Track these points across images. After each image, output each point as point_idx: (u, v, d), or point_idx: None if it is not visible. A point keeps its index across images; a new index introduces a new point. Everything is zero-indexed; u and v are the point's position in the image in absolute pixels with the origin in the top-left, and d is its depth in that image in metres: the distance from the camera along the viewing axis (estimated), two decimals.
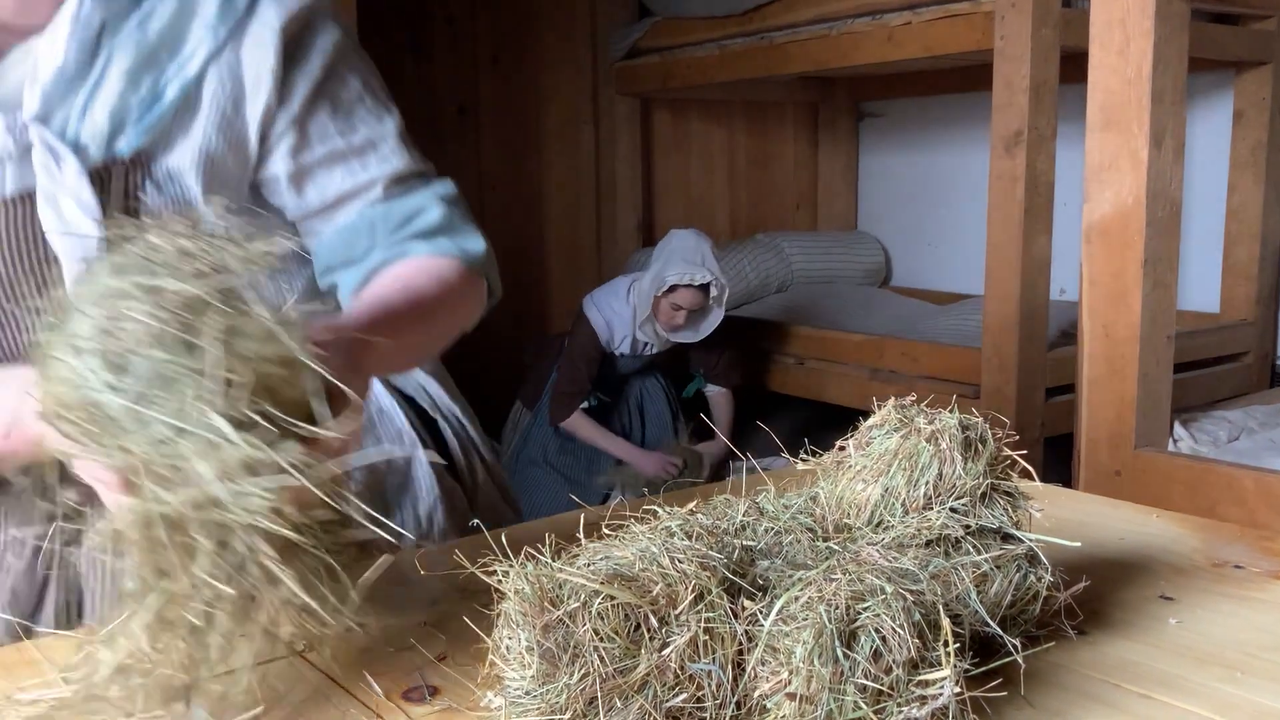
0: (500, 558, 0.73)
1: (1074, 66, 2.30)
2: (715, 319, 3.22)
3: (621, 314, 3.28)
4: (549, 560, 0.71)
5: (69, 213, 1.02)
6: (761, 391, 3.49)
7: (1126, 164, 1.92)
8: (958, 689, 0.67)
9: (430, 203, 1.15)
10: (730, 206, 4.30)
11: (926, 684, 0.67)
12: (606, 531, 0.76)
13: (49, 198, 1.02)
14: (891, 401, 0.88)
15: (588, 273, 4.02)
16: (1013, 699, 0.75)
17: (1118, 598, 0.95)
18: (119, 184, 1.07)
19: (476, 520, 1.08)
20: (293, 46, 1.11)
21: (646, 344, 3.30)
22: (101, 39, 1.06)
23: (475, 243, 1.17)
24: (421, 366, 1.28)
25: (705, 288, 3.13)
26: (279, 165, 1.14)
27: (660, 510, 0.78)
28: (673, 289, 3.11)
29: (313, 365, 0.73)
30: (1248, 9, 2.81)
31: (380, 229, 1.14)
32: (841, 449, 0.88)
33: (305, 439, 0.73)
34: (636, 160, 4.02)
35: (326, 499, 0.70)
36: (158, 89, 1.08)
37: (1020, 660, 0.75)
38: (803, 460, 0.91)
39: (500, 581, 0.71)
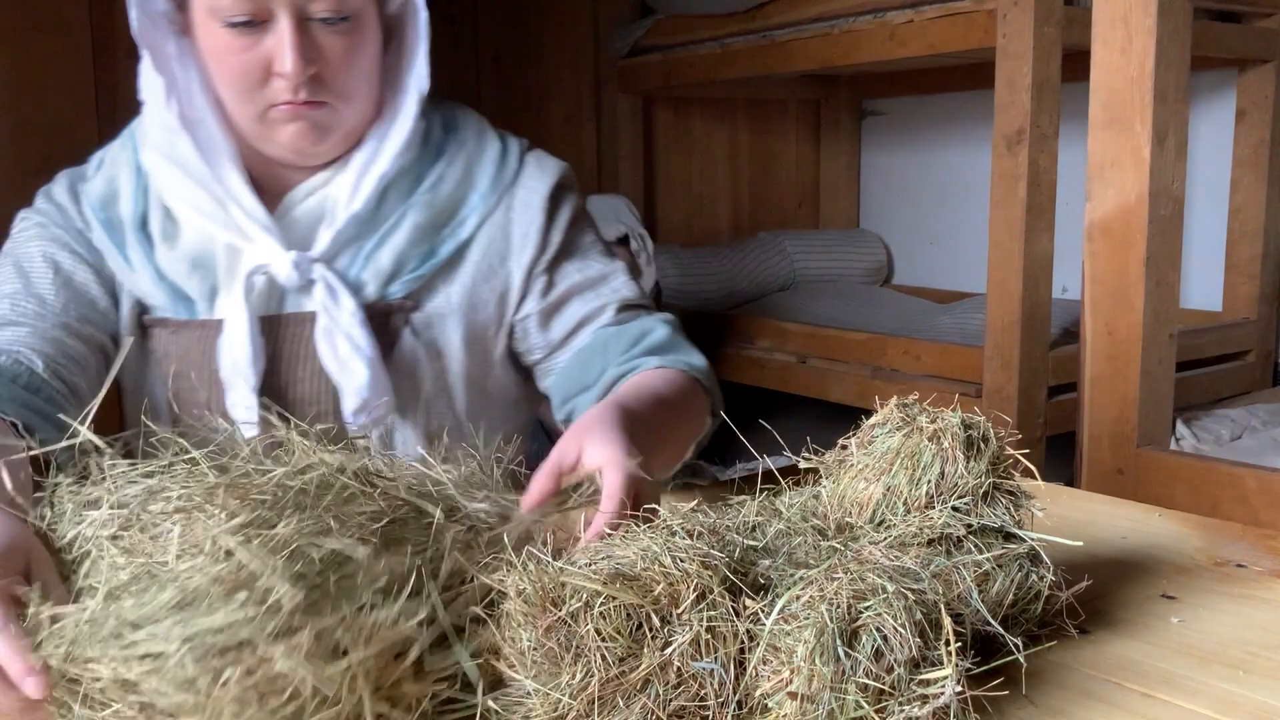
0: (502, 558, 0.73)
1: (1076, 65, 2.30)
2: (648, 278, 3.15)
3: None
4: (550, 560, 0.71)
5: (343, 350, 1.13)
6: (763, 390, 3.49)
7: (1129, 162, 1.91)
8: (959, 688, 0.67)
9: (656, 324, 1.25)
10: (732, 204, 4.29)
11: (928, 683, 0.67)
12: (607, 530, 0.76)
13: (326, 333, 1.13)
14: (894, 400, 0.88)
15: None
16: (1015, 698, 0.75)
17: (1120, 597, 0.95)
18: (384, 324, 1.18)
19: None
20: (551, 206, 1.26)
21: None
22: (389, 191, 1.19)
23: (698, 358, 1.24)
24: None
25: (625, 244, 3.07)
26: (531, 306, 1.25)
27: (662, 509, 0.78)
28: None
29: None
30: (1251, 7, 2.80)
31: (613, 348, 1.22)
32: (844, 448, 0.88)
33: None
34: (638, 158, 4.02)
35: None
36: (435, 245, 1.20)
37: (1022, 659, 0.75)
38: (805, 459, 0.91)
39: (502, 582, 0.71)
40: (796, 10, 3.24)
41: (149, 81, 1.14)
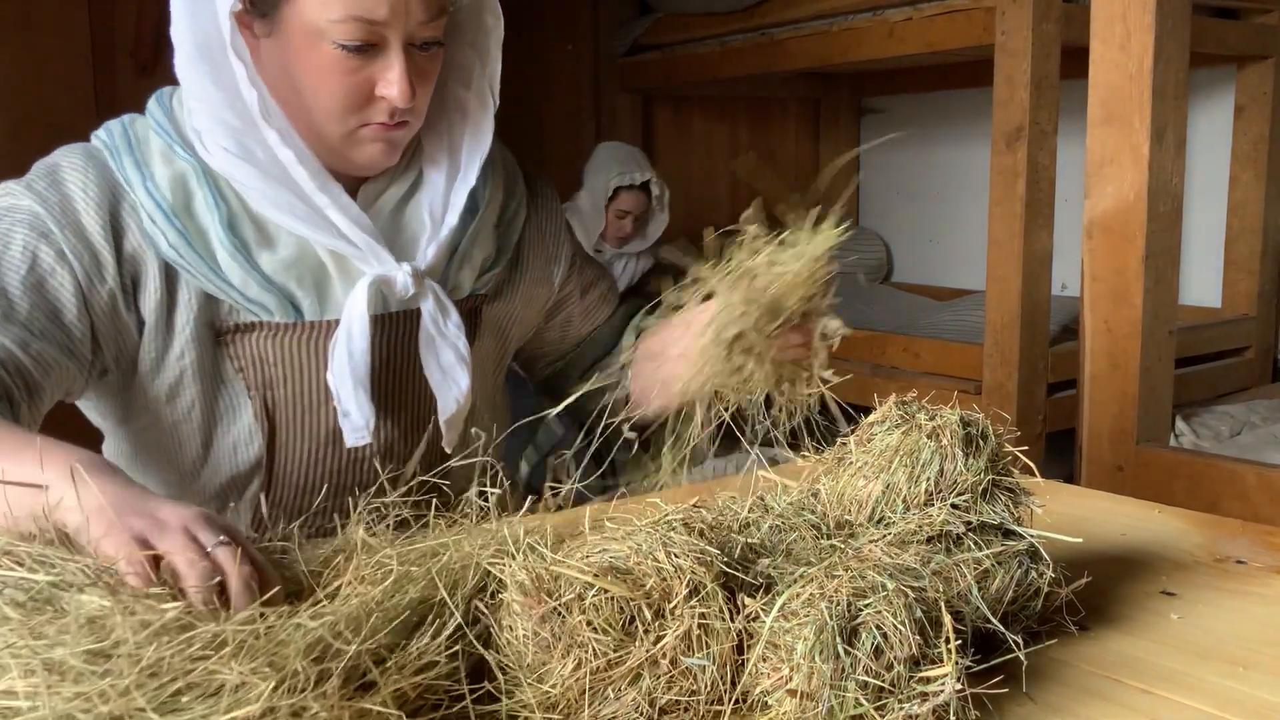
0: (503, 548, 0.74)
1: (1075, 62, 2.30)
2: (662, 223, 3.33)
3: None
4: (546, 552, 0.72)
5: (446, 358, 1.18)
6: None
7: (1128, 159, 1.92)
8: (959, 685, 0.67)
9: (640, 304, 1.42)
10: (732, 203, 4.29)
11: (928, 680, 0.67)
12: (609, 525, 0.76)
13: (428, 342, 1.18)
14: (893, 398, 0.88)
15: None
16: (1014, 695, 0.75)
17: (1119, 593, 0.95)
18: (469, 321, 1.24)
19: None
20: (562, 215, 1.37)
21: None
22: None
23: None
24: None
25: (646, 189, 3.24)
26: (571, 309, 1.39)
27: (661, 504, 0.78)
28: (615, 195, 3.20)
29: None
30: (1249, 3, 2.80)
31: (618, 323, 1.43)
32: (843, 445, 0.89)
33: None
34: None
35: None
36: (501, 243, 1.27)
37: (1022, 656, 0.75)
38: (804, 456, 0.91)
39: (502, 572, 0.72)
40: (795, 8, 3.24)
41: (198, 91, 1.09)
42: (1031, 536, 0.83)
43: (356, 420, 1.12)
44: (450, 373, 1.18)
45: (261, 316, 1.12)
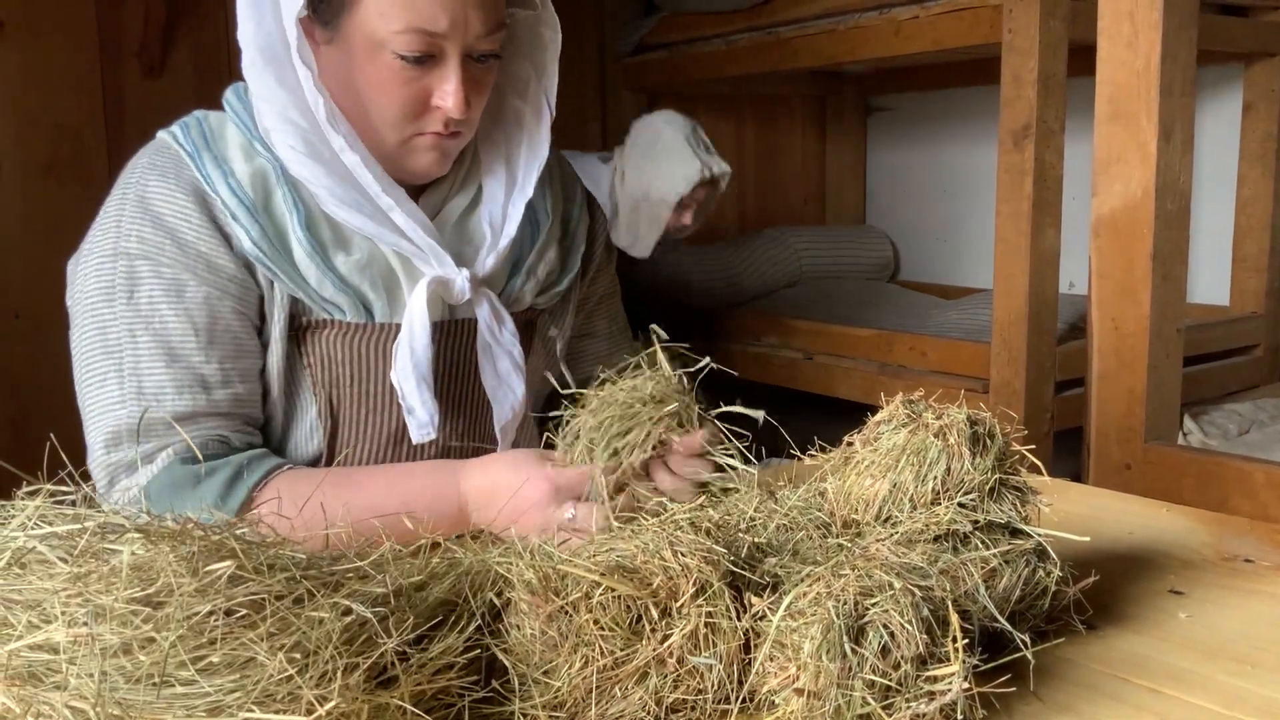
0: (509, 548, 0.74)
1: (1082, 59, 2.29)
2: (708, 206, 2.80)
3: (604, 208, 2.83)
4: (554, 551, 0.72)
5: (503, 365, 1.21)
6: (768, 386, 3.49)
7: (1135, 157, 1.91)
8: (966, 684, 0.67)
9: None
10: (738, 201, 4.29)
11: (935, 679, 0.67)
12: (615, 524, 0.77)
13: (485, 349, 1.20)
14: (899, 396, 0.88)
15: None
16: (1022, 694, 0.75)
17: (1127, 592, 0.95)
18: (526, 334, 1.27)
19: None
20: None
21: None
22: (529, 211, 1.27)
23: None
24: None
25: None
26: (581, 343, 1.43)
27: (669, 504, 0.78)
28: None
29: None
30: (1257, 1, 2.79)
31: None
32: (849, 444, 0.89)
33: None
34: None
35: None
36: (567, 261, 1.31)
37: (1029, 655, 0.75)
38: (810, 456, 0.91)
39: (509, 571, 0.72)
40: (801, 6, 3.24)
41: (264, 92, 1.10)
42: (1039, 535, 0.83)
43: (421, 417, 1.13)
44: (506, 380, 1.20)
45: (334, 316, 1.15)
